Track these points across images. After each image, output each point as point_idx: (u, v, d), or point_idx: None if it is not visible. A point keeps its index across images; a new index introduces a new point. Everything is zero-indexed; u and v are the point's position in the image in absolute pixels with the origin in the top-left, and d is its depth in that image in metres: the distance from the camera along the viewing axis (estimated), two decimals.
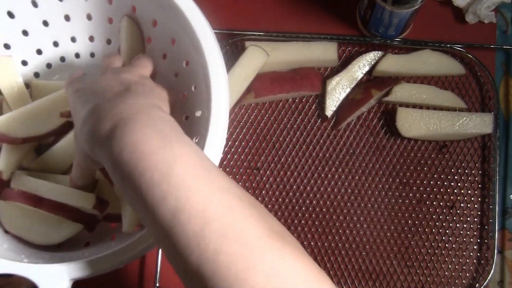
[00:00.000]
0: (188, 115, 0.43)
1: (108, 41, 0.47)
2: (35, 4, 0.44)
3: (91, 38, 0.47)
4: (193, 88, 0.42)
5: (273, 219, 0.28)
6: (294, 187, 0.51)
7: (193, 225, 0.25)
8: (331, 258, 0.50)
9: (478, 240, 0.50)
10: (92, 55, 0.48)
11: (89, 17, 0.46)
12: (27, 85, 0.46)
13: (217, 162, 0.36)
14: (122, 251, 0.35)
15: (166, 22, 0.42)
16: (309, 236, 0.50)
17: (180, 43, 0.42)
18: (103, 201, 0.41)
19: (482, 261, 0.50)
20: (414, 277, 0.50)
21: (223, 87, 0.38)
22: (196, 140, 0.40)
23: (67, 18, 0.46)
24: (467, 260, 0.50)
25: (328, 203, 0.51)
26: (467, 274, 0.50)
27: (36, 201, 0.40)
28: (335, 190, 0.51)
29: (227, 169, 0.52)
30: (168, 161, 0.27)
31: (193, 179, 0.27)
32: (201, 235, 0.25)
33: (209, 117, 0.37)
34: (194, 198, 0.26)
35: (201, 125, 0.39)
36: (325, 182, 0.52)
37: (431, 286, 0.49)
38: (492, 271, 0.48)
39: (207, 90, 0.38)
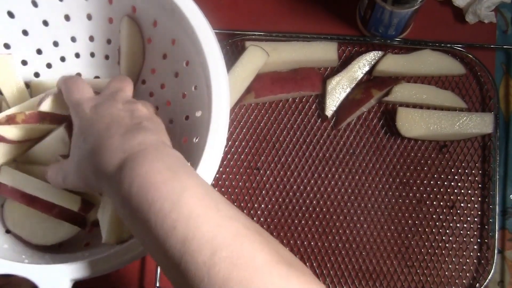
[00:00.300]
0: (189, 115, 0.43)
1: (108, 41, 0.47)
2: (35, 4, 0.44)
3: (91, 38, 0.47)
4: (193, 88, 0.42)
5: (280, 246, 0.28)
6: (295, 187, 0.51)
7: (203, 254, 0.26)
8: (331, 258, 0.50)
9: (478, 240, 0.50)
10: (92, 55, 0.48)
11: (89, 17, 0.46)
12: (27, 85, 0.46)
13: (217, 162, 0.36)
14: (122, 252, 0.34)
15: (167, 22, 0.42)
16: (309, 236, 0.50)
17: (181, 43, 0.42)
18: (88, 203, 0.42)
19: (482, 261, 0.50)
20: (414, 277, 0.50)
21: (224, 87, 0.38)
22: (196, 140, 0.40)
23: (67, 18, 0.46)
24: (467, 260, 0.50)
25: (328, 203, 0.51)
26: (467, 274, 0.50)
27: (29, 199, 0.40)
28: (335, 190, 0.51)
29: (227, 169, 0.52)
30: (177, 191, 0.28)
31: (201, 209, 0.28)
32: (210, 263, 0.26)
33: (209, 117, 0.37)
34: (203, 227, 0.27)
35: (201, 125, 0.39)
36: (325, 182, 0.52)
37: (431, 286, 0.49)
38: (492, 271, 0.48)
39: (208, 90, 0.38)
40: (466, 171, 0.52)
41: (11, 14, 0.44)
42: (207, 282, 0.26)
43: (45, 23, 0.45)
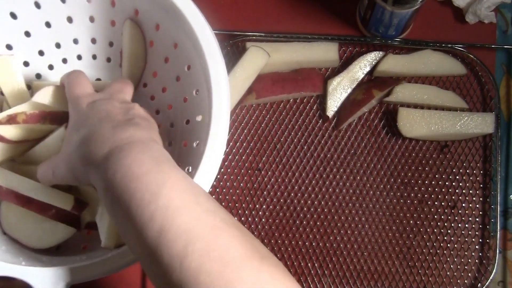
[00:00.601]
0: (189, 119, 0.43)
1: (111, 44, 0.47)
2: (38, 5, 0.44)
3: (93, 40, 0.47)
4: (194, 93, 0.42)
5: (257, 241, 0.28)
6: (296, 187, 0.52)
7: (177, 245, 0.26)
8: (333, 259, 0.50)
9: (480, 240, 0.50)
10: (94, 57, 0.48)
11: (91, 19, 0.46)
12: (29, 86, 0.46)
13: (217, 167, 0.37)
14: (119, 256, 0.35)
15: (169, 26, 0.42)
16: (310, 236, 0.51)
17: (182, 47, 0.42)
18: (81, 202, 0.41)
19: (483, 261, 0.50)
20: (416, 277, 0.50)
21: (224, 93, 0.38)
22: (196, 144, 0.40)
23: (69, 19, 0.46)
24: (469, 260, 0.50)
25: (329, 203, 0.51)
26: (469, 274, 0.49)
27: (24, 201, 0.39)
28: (337, 190, 0.51)
29: (229, 170, 0.52)
30: (158, 183, 0.28)
31: (180, 201, 0.28)
32: (183, 254, 0.26)
33: (209, 122, 0.37)
34: (180, 218, 0.27)
35: (201, 130, 0.39)
36: (327, 183, 0.52)
37: (433, 286, 0.49)
38: (493, 272, 0.48)
39: (209, 95, 0.38)
40: (467, 171, 0.52)
41: (13, 15, 0.44)
42: (179, 273, 0.26)
43: (48, 24, 0.45)
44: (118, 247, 0.37)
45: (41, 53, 0.47)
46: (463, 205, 0.51)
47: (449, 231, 0.50)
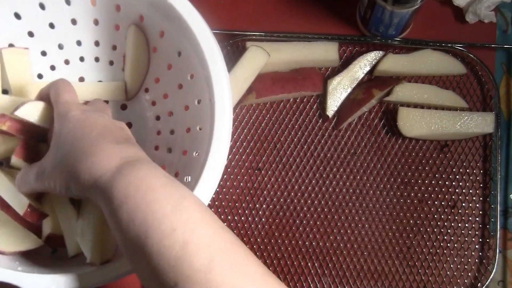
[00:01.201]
0: (190, 127, 0.43)
1: (114, 47, 0.48)
2: (42, 7, 0.44)
3: (97, 43, 0.48)
4: (196, 102, 0.42)
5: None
6: (296, 187, 0.52)
7: (201, 258, 0.27)
8: (333, 258, 0.50)
9: (480, 240, 0.50)
10: (97, 59, 0.48)
11: (96, 22, 0.46)
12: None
13: (217, 183, 0.37)
14: (119, 266, 0.35)
15: (173, 34, 0.43)
16: (310, 236, 0.51)
17: (186, 56, 0.42)
18: (39, 212, 0.39)
19: (484, 261, 0.50)
20: (416, 277, 0.50)
21: (227, 106, 0.38)
22: (197, 154, 0.41)
23: (73, 21, 0.46)
24: (469, 260, 0.50)
25: (329, 203, 0.51)
26: (469, 274, 0.49)
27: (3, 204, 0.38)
28: (337, 190, 0.52)
29: (229, 170, 0.52)
30: (176, 196, 0.29)
31: (200, 216, 0.29)
32: (207, 269, 0.26)
33: (211, 135, 0.38)
34: (202, 232, 0.28)
35: (202, 140, 0.39)
36: (327, 182, 0.52)
37: (433, 285, 0.49)
38: (494, 271, 0.48)
39: (211, 107, 0.39)
40: (467, 170, 0.52)
41: (17, 16, 0.44)
42: (204, 285, 0.26)
43: (51, 25, 0.46)
44: (104, 263, 0.37)
45: (43, 53, 0.47)
46: (463, 204, 0.51)
47: (449, 230, 0.50)
